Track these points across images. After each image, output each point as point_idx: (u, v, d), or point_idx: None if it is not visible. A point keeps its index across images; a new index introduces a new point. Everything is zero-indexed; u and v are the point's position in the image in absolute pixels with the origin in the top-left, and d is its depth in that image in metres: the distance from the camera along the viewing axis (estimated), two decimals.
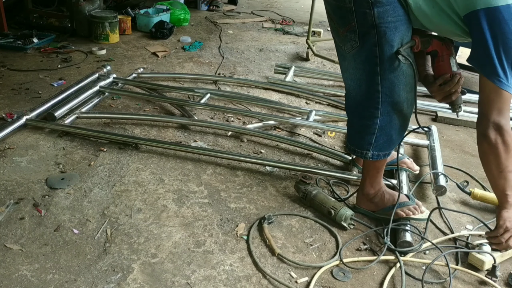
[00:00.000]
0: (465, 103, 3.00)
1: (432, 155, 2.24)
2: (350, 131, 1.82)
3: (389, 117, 1.67)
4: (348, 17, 1.57)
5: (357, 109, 1.73)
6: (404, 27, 1.56)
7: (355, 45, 1.60)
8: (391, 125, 1.69)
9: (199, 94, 2.79)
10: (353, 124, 1.79)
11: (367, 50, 1.58)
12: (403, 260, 1.65)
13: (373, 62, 1.59)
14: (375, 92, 1.63)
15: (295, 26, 4.68)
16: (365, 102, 1.68)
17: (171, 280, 1.52)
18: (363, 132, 1.72)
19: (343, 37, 1.64)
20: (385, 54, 1.57)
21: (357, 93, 1.70)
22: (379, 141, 1.71)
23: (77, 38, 3.80)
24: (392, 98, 1.63)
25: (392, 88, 1.62)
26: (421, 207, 1.84)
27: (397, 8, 1.53)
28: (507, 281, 1.61)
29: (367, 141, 1.72)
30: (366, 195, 1.86)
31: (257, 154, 2.31)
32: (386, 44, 1.55)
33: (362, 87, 1.67)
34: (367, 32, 1.56)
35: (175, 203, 1.89)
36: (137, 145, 2.26)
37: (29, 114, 2.37)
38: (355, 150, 1.78)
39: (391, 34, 1.54)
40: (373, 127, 1.68)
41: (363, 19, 1.54)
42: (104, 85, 2.80)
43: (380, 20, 1.52)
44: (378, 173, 1.83)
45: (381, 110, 1.65)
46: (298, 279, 1.56)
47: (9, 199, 1.84)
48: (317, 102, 2.98)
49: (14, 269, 1.51)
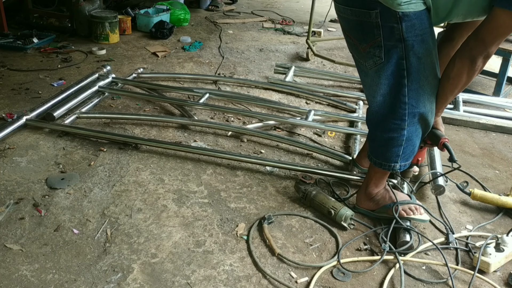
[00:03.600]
0: (465, 103, 3.02)
1: (431, 154, 2.24)
2: (373, 145, 1.82)
3: (414, 127, 1.69)
4: (373, 32, 1.58)
5: (382, 122, 1.73)
6: (430, 38, 1.60)
7: (379, 61, 1.61)
8: (416, 134, 1.71)
9: (199, 94, 2.79)
10: (376, 138, 1.78)
11: (394, 64, 1.60)
12: (403, 260, 1.65)
13: (400, 75, 1.61)
14: (401, 104, 1.64)
15: (295, 26, 4.68)
16: (391, 115, 1.68)
17: (171, 280, 1.52)
18: (390, 145, 1.73)
19: (365, 53, 1.64)
20: (412, 66, 1.59)
21: (381, 107, 1.70)
22: (406, 152, 1.74)
23: (77, 38, 3.80)
24: (418, 109, 1.66)
25: (418, 98, 1.64)
26: (421, 209, 1.84)
27: (423, 21, 1.55)
28: (507, 281, 1.61)
29: (395, 153, 1.74)
30: (368, 194, 1.87)
31: (257, 154, 2.31)
32: (413, 57, 1.58)
33: (387, 101, 1.68)
34: (394, 46, 1.57)
35: (175, 203, 1.89)
36: (137, 145, 2.26)
37: (29, 114, 2.37)
38: (381, 164, 1.78)
39: (419, 46, 1.57)
40: (400, 139, 1.70)
41: (390, 34, 1.56)
42: (103, 85, 2.80)
43: (408, 34, 1.54)
44: (386, 174, 1.85)
45: (407, 121, 1.67)
46: (298, 279, 1.56)
47: (9, 199, 1.84)
48: (317, 102, 2.98)
49: (14, 269, 1.51)
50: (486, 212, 2.00)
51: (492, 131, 2.75)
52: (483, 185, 2.18)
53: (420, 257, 1.70)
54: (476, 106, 3.05)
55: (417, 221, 1.82)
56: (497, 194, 2.01)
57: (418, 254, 1.71)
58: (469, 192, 1.98)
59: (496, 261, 1.63)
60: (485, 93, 3.28)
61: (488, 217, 1.96)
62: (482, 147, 2.56)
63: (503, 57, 3.09)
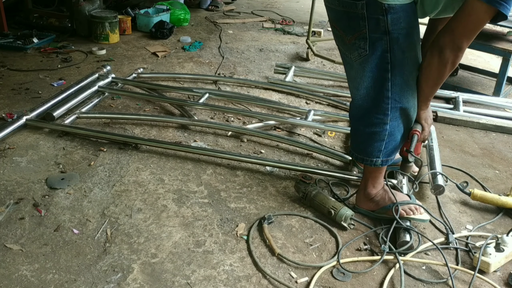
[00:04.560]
0: (465, 103, 3.02)
1: (431, 154, 2.24)
2: (356, 140, 1.81)
3: (397, 122, 1.68)
4: (359, 24, 1.57)
5: (364, 117, 1.72)
6: (415, 32, 1.59)
7: (364, 53, 1.60)
8: (399, 129, 1.71)
9: (199, 94, 2.79)
10: (359, 133, 1.78)
11: (378, 57, 1.59)
12: (403, 260, 1.65)
13: (383, 69, 1.60)
14: (384, 98, 1.64)
15: (295, 26, 4.68)
16: (374, 109, 1.68)
17: (171, 280, 1.52)
18: (372, 140, 1.72)
19: (351, 45, 1.63)
20: (397, 59, 1.58)
21: (364, 101, 1.70)
22: (389, 147, 1.73)
23: (77, 38, 3.79)
24: (401, 104, 1.65)
25: (401, 93, 1.63)
26: (420, 208, 1.84)
27: (409, 14, 1.54)
28: (507, 281, 1.61)
29: (376, 148, 1.73)
30: (367, 195, 1.86)
31: (257, 154, 2.31)
32: (398, 50, 1.57)
33: (370, 94, 1.67)
34: (379, 39, 1.56)
35: (175, 203, 1.89)
36: (137, 145, 2.26)
37: (29, 114, 2.37)
38: (363, 159, 1.78)
39: (403, 40, 1.56)
40: (383, 133, 1.69)
41: (376, 26, 1.55)
42: (103, 85, 2.80)
43: (393, 27, 1.53)
44: (381, 174, 1.84)
45: (390, 116, 1.66)
46: (298, 279, 1.56)
47: (9, 199, 1.84)
48: (317, 102, 2.98)
49: (14, 269, 1.52)
50: (486, 212, 2.00)
51: (492, 131, 2.75)
52: (483, 185, 2.18)
53: (420, 257, 1.70)
54: (476, 106, 3.05)
55: (417, 221, 1.82)
56: (497, 194, 2.02)
57: (418, 254, 1.71)
58: (469, 192, 1.98)
59: (496, 261, 1.63)
60: (485, 93, 3.28)
61: (488, 217, 1.96)
62: (482, 147, 2.56)
63: (503, 57, 3.09)
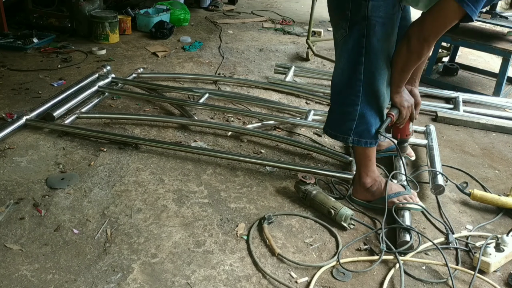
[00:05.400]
0: (465, 103, 3.02)
1: (430, 154, 2.24)
2: (331, 117, 1.91)
3: (369, 106, 1.77)
4: (344, 6, 1.68)
5: (339, 96, 1.83)
6: (391, 25, 1.68)
7: (344, 33, 1.71)
8: (370, 113, 1.78)
9: (199, 94, 2.79)
10: (334, 110, 1.89)
11: (354, 40, 1.69)
12: (403, 260, 1.65)
13: (358, 52, 1.70)
14: (356, 81, 1.74)
15: (295, 26, 4.68)
16: (347, 90, 1.78)
17: (171, 280, 1.52)
18: (344, 118, 1.82)
19: (336, 25, 1.76)
20: (372, 46, 1.67)
21: (339, 80, 1.81)
22: (360, 128, 1.80)
23: (77, 38, 3.79)
24: (372, 88, 1.73)
25: (373, 78, 1.72)
26: (416, 197, 1.89)
27: (389, 6, 1.64)
28: (507, 281, 1.61)
29: (348, 127, 1.82)
30: (363, 185, 1.91)
31: (257, 154, 2.31)
32: (373, 37, 1.66)
33: (344, 75, 1.77)
34: (358, 23, 1.66)
35: (175, 203, 1.89)
36: (137, 145, 2.26)
37: (29, 114, 2.37)
38: (336, 135, 1.88)
39: (380, 28, 1.65)
40: (353, 113, 1.79)
41: (357, 10, 1.65)
42: (103, 85, 2.80)
43: (372, 13, 1.63)
44: (370, 161, 1.90)
45: (361, 98, 1.75)
46: (298, 279, 1.56)
47: (9, 199, 1.84)
48: (317, 102, 2.98)
49: (14, 269, 1.51)
50: (486, 212, 2.00)
51: (492, 131, 2.75)
52: (483, 185, 2.18)
53: (420, 257, 1.70)
54: (476, 106, 3.05)
55: (412, 209, 1.85)
56: (497, 194, 2.02)
57: (418, 254, 1.71)
58: (468, 192, 1.98)
59: (496, 261, 1.63)
60: (485, 93, 3.28)
61: (488, 217, 1.96)
62: (482, 147, 2.56)
63: (503, 57, 3.09)
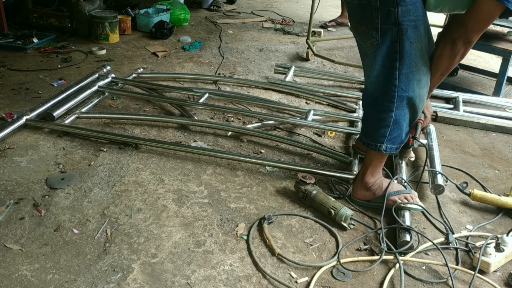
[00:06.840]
0: (465, 103, 3.02)
1: (430, 154, 2.24)
2: (365, 125, 1.92)
3: (403, 111, 1.77)
4: (372, 15, 1.68)
5: (373, 103, 1.83)
6: (423, 26, 1.68)
7: (375, 42, 1.71)
8: (404, 118, 1.79)
9: (198, 94, 2.79)
10: (368, 118, 1.89)
11: (388, 47, 1.69)
12: (403, 260, 1.65)
13: (392, 58, 1.70)
14: (392, 86, 1.73)
15: (295, 26, 4.68)
16: (382, 96, 1.77)
17: (171, 280, 1.52)
18: (378, 125, 1.81)
19: (364, 35, 1.74)
20: (405, 50, 1.68)
21: (374, 88, 1.80)
22: (393, 134, 1.80)
23: (77, 38, 3.80)
24: (407, 93, 1.73)
25: (408, 83, 1.72)
26: (416, 197, 1.89)
27: (418, 8, 1.65)
28: (507, 281, 1.61)
29: (381, 134, 1.81)
30: (365, 184, 1.91)
31: (257, 154, 2.31)
32: (406, 41, 1.66)
33: (380, 81, 1.76)
34: (389, 29, 1.67)
35: (175, 203, 1.89)
36: (137, 145, 2.26)
37: (29, 114, 2.37)
38: (369, 143, 1.86)
39: (412, 32, 1.66)
40: (388, 120, 1.78)
41: (387, 17, 1.65)
42: (103, 85, 2.80)
43: (403, 18, 1.64)
44: (382, 163, 1.91)
45: (396, 104, 1.75)
46: (298, 279, 1.56)
47: (9, 199, 1.84)
48: (317, 102, 2.98)
49: (14, 269, 1.51)
50: (486, 212, 2.00)
51: (492, 131, 2.75)
52: (483, 185, 2.18)
53: (420, 257, 1.70)
54: (476, 106, 3.05)
55: (412, 209, 1.85)
56: (497, 194, 2.02)
57: (418, 254, 1.71)
58: (468, 192, 1.98)
59: (496, 261, 1.63)
60: (485, 93, 3.28)
61: (488, 217, 1.96)
62: (482, 147, 2.56)
63: (503, 57, 3.09)
